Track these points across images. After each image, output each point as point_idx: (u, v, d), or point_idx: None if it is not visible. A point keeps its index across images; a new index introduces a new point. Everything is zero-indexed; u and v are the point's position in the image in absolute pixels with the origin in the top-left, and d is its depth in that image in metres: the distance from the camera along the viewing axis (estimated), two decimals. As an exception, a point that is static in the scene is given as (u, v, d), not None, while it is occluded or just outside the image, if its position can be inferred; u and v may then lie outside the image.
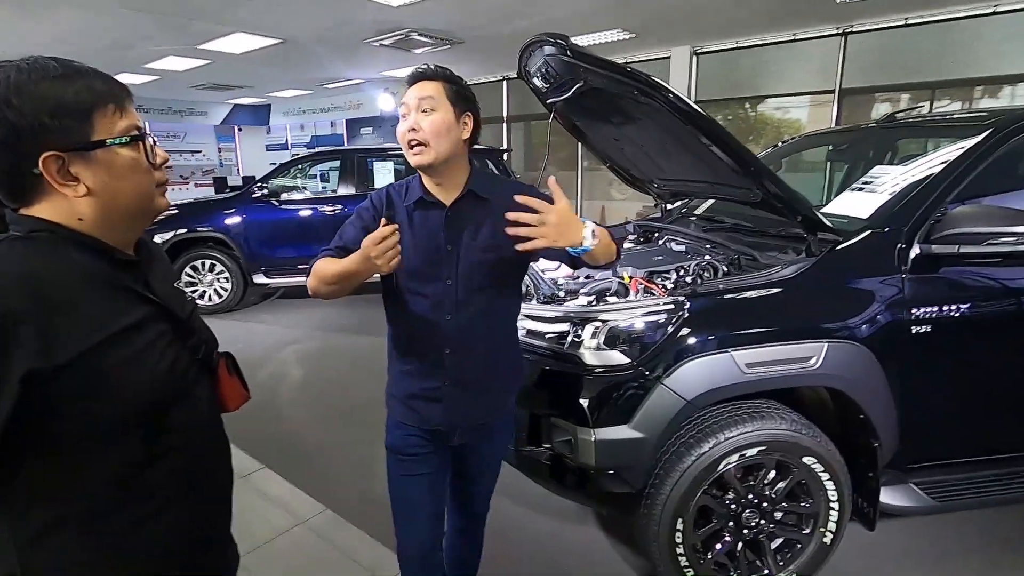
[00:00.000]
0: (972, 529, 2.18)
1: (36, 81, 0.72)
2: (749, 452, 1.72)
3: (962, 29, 5.68)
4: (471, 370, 1.36)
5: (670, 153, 2.28)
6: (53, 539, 0.75)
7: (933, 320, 1.76)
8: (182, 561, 0.88)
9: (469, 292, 1.31)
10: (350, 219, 1.38)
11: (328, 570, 2.10)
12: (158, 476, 0.82)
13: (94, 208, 0.77)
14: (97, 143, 0.75)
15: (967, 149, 1.89)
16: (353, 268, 1.20)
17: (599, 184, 8.98)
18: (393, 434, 1.44)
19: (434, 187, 1.33)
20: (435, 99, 1.26)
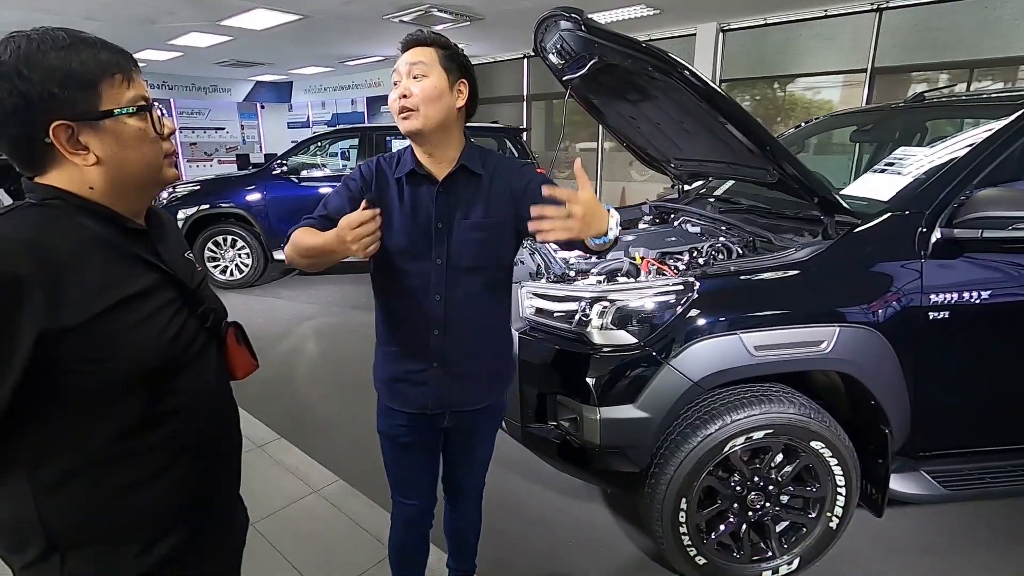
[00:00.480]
0: (980, 521, 2.15)
1: (44, 51, 0.74)
2: (756, 435, 1.71)
3: (1003, 4, 5.41)
4: (459, 353, 1.32)
5: (687, 132, 2.24)
6: (63, 491, 0.79)
7: (952, 307, 1.72)
8: (184, 519, 0.91)
9: (459, 272, 1.28)
10: (336, 188, 1.32)
11: (337, 536, 2.17)
12: (161, 437, 0.86)
13: (104, 177, 0.79)
14: (105, 112, 0.77)
15: (996, 130, 1.82)
16: (327, 247, 1.13)
17: (620, 165, 8.85)
18: (382, 419, 1.44)
19: (426, 159, 1.27)
20: (427, 64, 1.20)
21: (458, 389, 1.35)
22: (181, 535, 0.90)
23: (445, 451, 1.50)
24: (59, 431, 0.78)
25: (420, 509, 1.51)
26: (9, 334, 0.69)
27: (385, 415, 1.42)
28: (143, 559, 0.85)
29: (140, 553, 0.85)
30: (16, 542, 0.81)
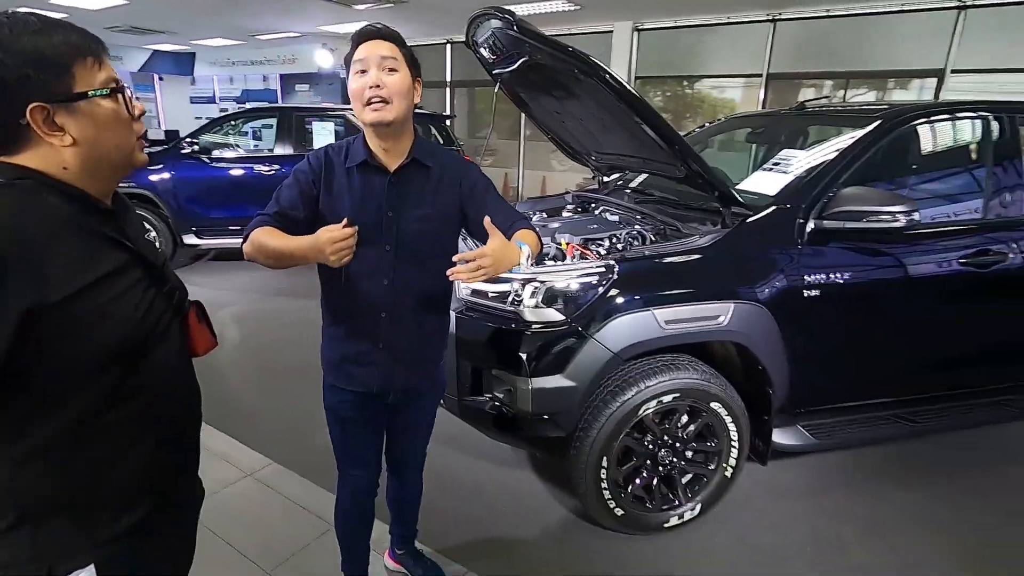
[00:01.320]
0: (851, 468, 2.56)
1: (17, 36, 0.76)
2: (665, 399, 1.96)
3: (876, 24, 6.16)
4: (404, 335, 1.41)
5: (607, 129, 2.44)
6: (36, 463, 0.82)
7: (822, 286, 2.04)
8: (151, 491, 0.96)
9: (407, 259, 1.36)
10: (286, 181, 1.36)
11: (276, 516, 2.21)
12: (132, 412, 0.90)
13: (78, 157, 0.82)
14: (80, 94, 0.80)
15: (857, 139, 2.17)
16: (299, 253, 1.20)
17: (541, 154, 9.10)
18: (329, 396, 1.52)
19: (380, 151, 1.34)
20: (396, 60, 1.27)
21: (402, 370, 1.45)
22: (148, 506, 0.95)
23: (389, 426, 1.60)
24: (36, 405, 0.81)
25: (367, 479, 1.61)
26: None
27: (332, 393, 1.50)
28: (111, 527, 0.89)
29: (109, 522, 0.89)
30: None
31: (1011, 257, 2.24)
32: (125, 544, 0.92)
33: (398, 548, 1.90)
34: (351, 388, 1.46)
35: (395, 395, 1.49)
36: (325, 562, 1.95)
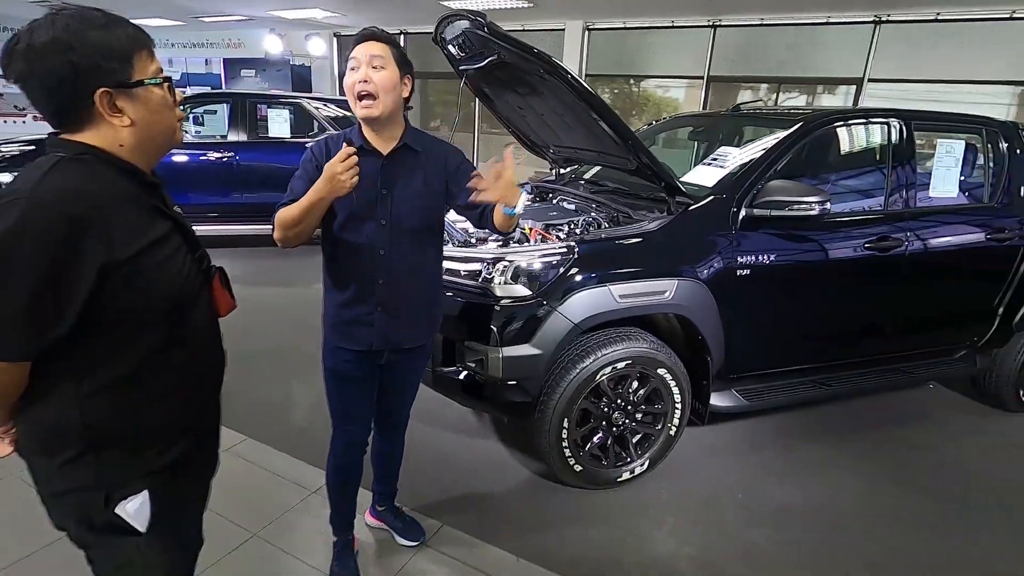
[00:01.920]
0: (775, 427, 2.92)
1: (87, 30, 0.90)
2: (619, 365, 2.21)
3: (805, 34, 6.69)
4: (398, 297, 1.61)
5: (566, 124, 2.66)
6: (101, 399, 0.96)
7: (751, 266, 2.35)
8: (191, 429, 1.12)
9: (400, 232, 1.56)
10: (296, 174, 1.55)
11: (257, 484, 2.32)
12: (178, 359, 1.05)
13: (133, 136, 0.96)
14: (138, 82, 0.95)
15: (781, 138, 2.49)
16: (315, 196, 1.39)
17: (496, 147, 9.29)
18: (330, 357, 1.69)
19: (373, 138, 1.53)
20: (384, 58, 1.46)
21: (397, 328, 1.64)
22: (188, 442, 1.11)
23: (380, 385, 1.77)
24: (102, 348, 0.95)
25: (360, 434, 1.78)
26: (79, 265, 0.86)
27: (333, 354, 1.68)
28: (159, 459, 1.05)
29: (157, 455, 1.05)
30: (56, 443, 0.97)
31: (906, 243, 2.63)
32: (169, 476, 1.07)
33: (379, 505, 2.07)
34: (351, 347, 1.63)
35: (388, 354, 1.67)
36: (309, 523, 2.10)
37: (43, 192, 0.85)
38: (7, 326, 0.86)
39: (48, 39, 0.87)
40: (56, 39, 0.87)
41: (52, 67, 0.88)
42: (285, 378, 3.24)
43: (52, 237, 0.84)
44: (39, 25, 0.88)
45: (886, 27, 6.26)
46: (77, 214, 0.87)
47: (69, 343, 0.91)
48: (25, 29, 0.88)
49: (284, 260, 5.55)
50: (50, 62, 0.87)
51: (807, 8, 6.24)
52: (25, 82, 0.88)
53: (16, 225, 0.82)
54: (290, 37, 10.26)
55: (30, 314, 0.85)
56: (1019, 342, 3.01)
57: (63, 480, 0.98)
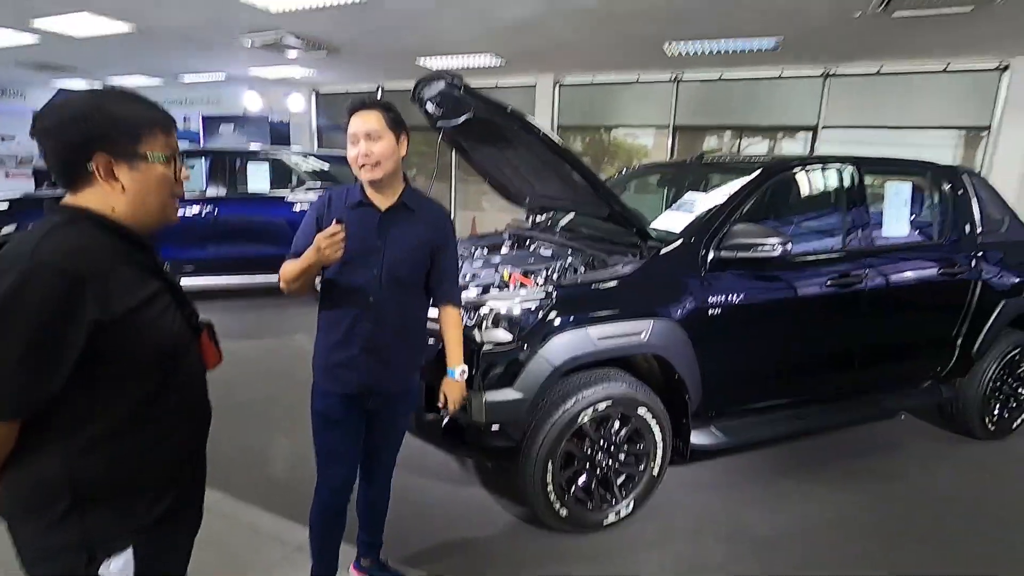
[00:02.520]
0: (755, 464, 2.96)
1: (107, 103, 0.98)
2: (600, 406, 2.25)
3: (762, 86, 7.13)
4: (383, 342, 1.68)
5: (540, 174, 2.79)
6: (91, 453, 0.98)
7: (722, 306, 2.45)
8: (181, 476, 1.13)
9: (391, 280, 1.66)
10: (300, 229, 1.70)
11: (237, 540, 2.26)
12: (168, 408, 1.08)
13: (125, 204, 1.01)
14: (140, 155, 1.01)
15: (744, 184, 2.64)
16: (307, 260, 1.54)
17: (471, 196, 9.50)
18: (319, 400, 1.74)
19: (374, 195, 1.67)
20: (379, 128, 1.60)
21: (380, 373, 1.70)
22: (175, 496, 1.11)
23: (367, 433, 1.80)
24: (91, 403, 0.97)
25: (344, 479, 1.79)
26: (74, 323, 0.90)
27: (321, 396, 1.72)
28: (146, 515, 1.05)
29: (145, 510, 1.05)
30: (40, 502, 0.96)
31: (865, 280, 2.77)
32: (156, 532, 1.07)
33: (364, 559, 2.03)
34: (338, 391, 1.68)
35: (374, 399, 1.71)
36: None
37: (41, 254, 0.89)
38: (2, 385, 0.88)
39: (77, 109, 0.96)
40: (82, 109, 0.96)
41: (69, 132, 0.96)
42: (266, 432, 3.19)
43: (50, 297, 0.88)
44: (76, 96, 0.97)
45: (834, 80, 6.73)
46: (74, 272, 0.91)
47: (58, 399, 0.93)
48: (62, 97, 0.97)
49: (262, 312, 5.53)
50: (69, 127, 0.96)
51: (761, 63, 6.67)
52: (41, 141, 0.97)
53: (15, 286, 0.86)
54: (269, 94, 10.50)
55: (25, 373, 0.88)
56: (979, 371, 3.14)
57: (47, 541, 0.98)
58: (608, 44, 6.02)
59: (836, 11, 4.51)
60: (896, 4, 4.15)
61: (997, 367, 3.16)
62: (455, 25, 5.48)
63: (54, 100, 0.97)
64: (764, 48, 5.81)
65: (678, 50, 6.07)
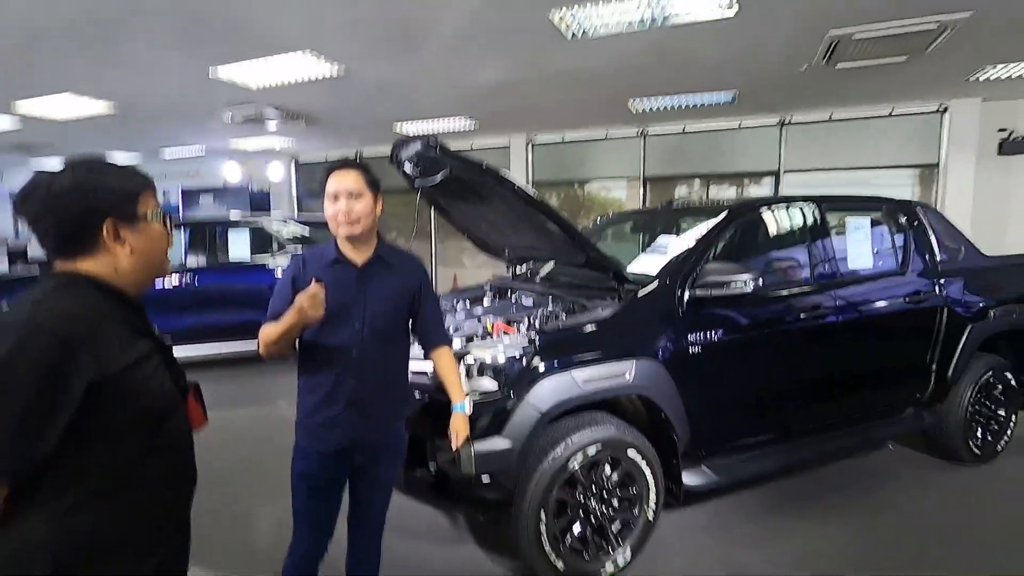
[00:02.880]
0: (749, 503, 2.93)
1: (105, 173, 1.04)
2: (590, 450, 2.24)
3: (724, 136, 7.52)
4: (367, 396, 1.69)
5: (517, 227, 2.88)
6: (76, 516, 0.96)
7: (700, 343, 2.50)
8: (166, 538, 1.11)
9: (372, 333, 1.69)
10: (275, 292, 1.72)
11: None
12: (155, 468, 1.08)
13: (131, 262, 1.06)
14: (142, 216, 1.07)
15: (713, 225, 2.76)
16: (288, 322, 1.55)
17: (451, 253, 9.63)
18: (300, 460, 1.72)
19: (350, 251, 1.71)
20: (359, 188, 1.67)
21: (365, 427, 1.70)
22: (163, 552, 1.10)
23: (353, 489, 1.77)
24: (82, 462, 0.97)
25: (319, 544, 1.75)
26: (69, 383, 0.92)
27: (303, 458, 1.70)
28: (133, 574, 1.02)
29: (132, 568, 1.03)
30: (22, 569, 0.94)
31: (837, 311, 2.86)
32: None
33: (355, 627, 1.94)
34: (321, 449, 1.67)
35: (359, 455, 1.70)
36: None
37: (37, 318, 0.92)
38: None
39: (70, 183, 1.00)
40: (78, 182, 1.01)
41: (70, 205, 1.00)
42: (246, 500, 3.08)
43: (46, 362, 0.90)
44: (59, 173, 1.01)
45: (790, 128, 7.13)
46: (70, 336, 0.93)
47: (47, 460, 0.92)
48: (45, 177, 1.00)
49: (243, 380, 5.43)
50: (68, 201, 1.00)
51: (721, 115, 7.07)
52: (38, 221, 1.00)
53: (12, 350, 0.88)
54: (249, 164, 10.71)
55: (21, 434, 0.89)
56: (957, 396, 3.21)
57: None
58: (576, 103, 6.34)
59: (785, 65, 4.85)
60: (838, 56, 4.48)
61: (974, 391, 3.23)
62: (430, 92, 5.74)
63: (39, 179, 1.01)
64: (722, 101, 6.18)
65: (642, 106, 6.41)
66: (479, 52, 4.44)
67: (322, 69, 4.81)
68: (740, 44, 4.28)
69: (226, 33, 4.00)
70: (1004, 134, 6.29)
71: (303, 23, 3.85)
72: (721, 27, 3.82)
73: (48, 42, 4.11)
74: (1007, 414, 3.40)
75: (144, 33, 3.91)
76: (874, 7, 3.53)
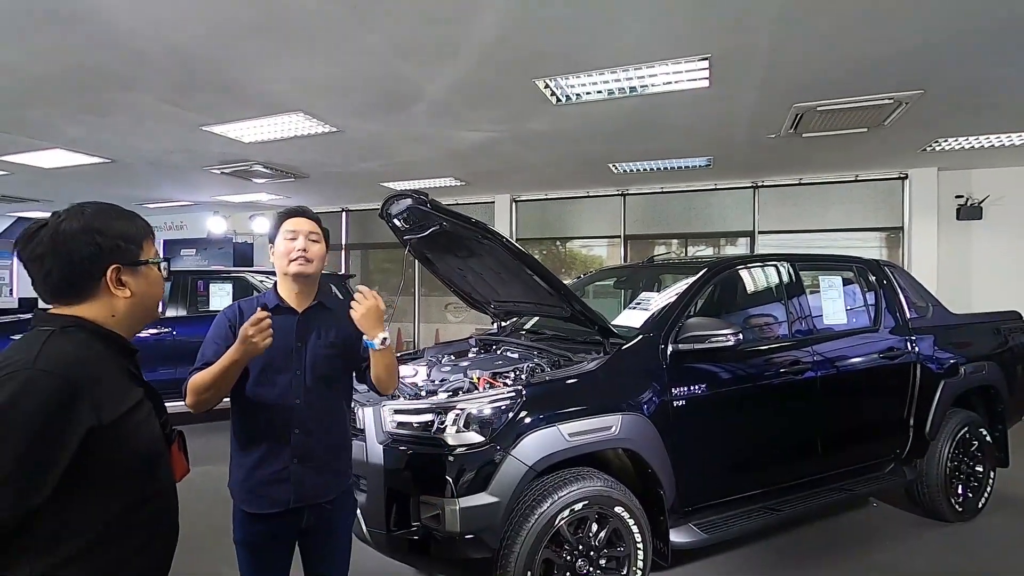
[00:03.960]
0: (737, 565, 2.88)
1: (112, 219, 1.07)
2: (576, 507, 2.21)
3: (701, 197, 7.84)
4: (315, 447, 1.63)
5: (504, 281, 2.94)
6: (69, 569, 0.92)
7: (685, 397, 2.53)
8: None
9: (314, 380, 1.64)
10: (207, 338, 1.63)
11: None
12: (142, 520, 1.04)
13: (128, 306, 1.07)
14: (144, 261, 1.09)
15: (692, 281, 2.85)
16: (230, 360, 1.46)
17: (435, 309, 9.65)
18: (242, 528, 1.63)
19: (292, 297, 1.68)
20: (317, 234, 1.69)
21: (315, 481, 1.62)
22: None
23: (308, 557, 1.69)
24: (72, 512, 0.93)
25: None
26: (70, 428, 0.90)
27: (246, 523, 1.61)
28: None
29: None
30: None
31: (812, 366, 2.93)
32: None
33: None
34: (266, 511, 1.58)
35: (309, 513, 1.62)
36: None
37: (43, 363, 0.92)
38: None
39: (80, 226, 1.02)
40: (87, 226, 1.02)
41: (77, 248, 1.01)
42: (214, 562, 2.92)
43: (50, 406, 0.89)
44: (67, 215, 1.02)
45: (763, 190, 7.47)
46: (73, 380, 0.93)
47: (38, 510, 0.89)
48: (52, 218, 1.02)
49: (219, 435, 5.24)
50: (76, 243, 1.01)
51: (696, 178, 7.40)
52: (41, 261, 1.00)
53: (14, 396, 0.87)
54: (234, 219, 10.77)
55: (15, 482, 0.86)
56: (936, 452, 3.25)
57: None
58: (560, 164, 6.60)
59: (754, 135, 5.16)
60: (804, 127, 4.79)
61: (951, 446, 3.28)
62: (418, 151, 5.93)
63: (45, 222, 1.02)
64: (698, 165, 6.49)
65: (622, 168, 6.69)
66: (468, 113, 4.65)
67: (313, 127, 4.97)
68: (713, 113, 4.56)
69: (221, 93, 4.15)
70: (961, 200, 6.67)
71: (297, 86, 4.02)
72: (694, 97, 4.08)
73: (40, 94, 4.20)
74: (985, 470, 3.44)
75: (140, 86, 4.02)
76: (835, 83, 3.83)
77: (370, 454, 2.23)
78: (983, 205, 6.57)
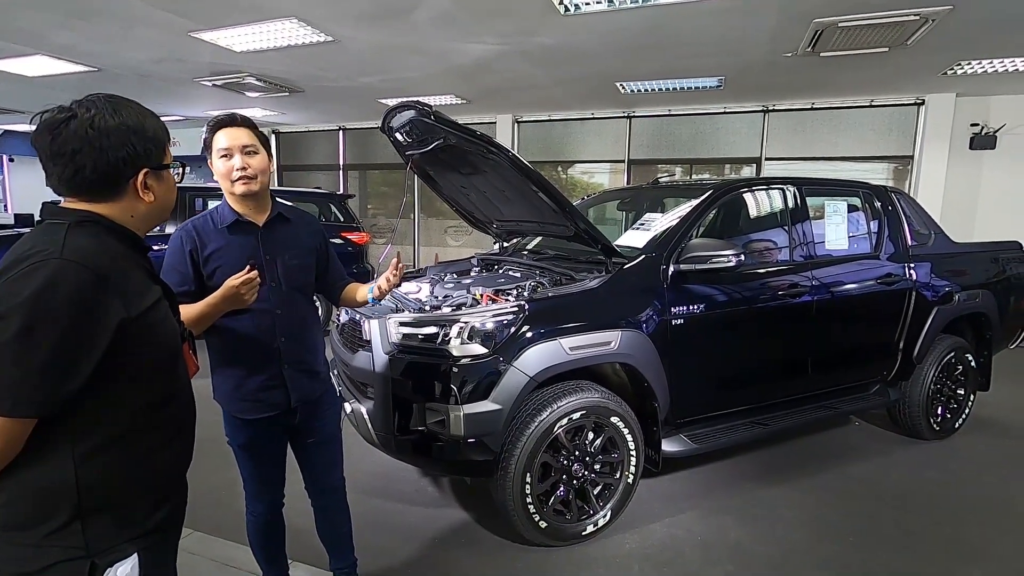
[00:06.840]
0: (725, 472, 3.06)
1: (145, 117, 1.03)
2: (575, 416, 2.31)
3: (709, 122, 7.60)
4: (299, 352, 1.71)
5: (507, 199, 2.91)
6: (98, 458, 0.97)
7: (684, 316, 2.58)
8: (178, 485, 1.14)
9: (291, 290, 1.69)
10: (167, 267, 1.58)
11: None
12: (169, 412, 1.09)
13: (147, 209, 1.07)
14: (167, 165, 1.08)
15: (696, 204, 2.83)
16: (213, 307, 1.49)
17: (435, 232, 9.60)
18: (239, 433, 1.72)
19: (248, 211, 1.64)
20: (253, 144, 1.60)
21: (306, 381, 1.73)
22: (176, 499, 1.12)
23: (302, 451, 1.82)
24: (103, 405, 0.96)
25: (274, 501, 1.83)
26: (102, 321, 0.91)
27: (242, 429, 1.70)
28: (148, 521, 1.04)
29: (147, 516, 1.04)
30: (42, 512, 0.93)
31: (812, 290, 2.97)
32: (158, 538, 1.06)
33: (343, 582, 1.99)
34: (261, 415, 1.67)
35: (301, 412, 1.73)
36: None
37: (71, 252, 0.91)
38: (27, 382, 0.86)
39: (116, 124, 0.98)
40: (124, 124, 0.98)
41: (113, 146, 0.97)
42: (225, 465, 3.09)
43: (82, 294, 0.89)
44: (97, 109, 0.97)
45: (773, 115, 7.24)
46: (103, 273, 0.93)
47: (71, 401, 0.91)
48: (80, 111, 0.96)
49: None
50: (115, 142, 0.98)
51: (705, 101, 7.14)
52: (73, 157, 0.95)
53: (48, 283, 0.87)
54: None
55: (50, 370, 0.87)
56: (921, 374, 3.37)
57: (42, 555, 0.92)
58: (565, 83, 6.34)
59: (770, 52, 4.92)
60: (822, 45, 4.57)
61: (936, 370, 3.39)
62: (419, 65, 5.67)
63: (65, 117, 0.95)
64: (709, 86, 6.24)
65: (630, 88, 6.44)
66: (472, 23, 4.41)
67: (308, 36, 4.72)
68: (728, 28, 4.33)
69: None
70: (976, 129, 6.49)
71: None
72: (710, 9, 3.86)
73: None
74: (966, 393, 3.58)
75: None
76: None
77: (377, 364, 2.30)
78: (998, 134, 6.40)
